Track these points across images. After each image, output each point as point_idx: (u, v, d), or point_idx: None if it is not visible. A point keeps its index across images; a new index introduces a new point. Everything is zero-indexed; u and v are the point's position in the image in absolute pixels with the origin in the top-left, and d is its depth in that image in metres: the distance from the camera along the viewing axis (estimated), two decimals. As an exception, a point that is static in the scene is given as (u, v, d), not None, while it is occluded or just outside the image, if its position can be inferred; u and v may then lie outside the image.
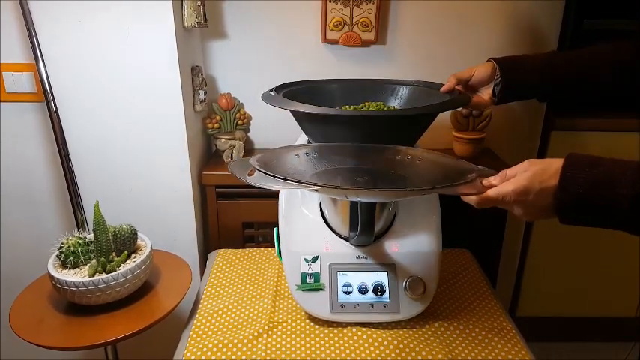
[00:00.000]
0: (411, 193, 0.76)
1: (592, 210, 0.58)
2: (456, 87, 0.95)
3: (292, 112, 0.89)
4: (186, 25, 1.17)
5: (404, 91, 1.06)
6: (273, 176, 0.67)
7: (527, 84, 0.91)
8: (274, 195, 0.98)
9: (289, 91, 0.99)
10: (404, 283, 0.89)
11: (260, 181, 0.67)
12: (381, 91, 1.07)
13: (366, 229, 0.84)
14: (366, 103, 1.03)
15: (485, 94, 0.95)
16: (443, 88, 0.96)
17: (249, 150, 1.45)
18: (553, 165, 0.61)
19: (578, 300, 1.67)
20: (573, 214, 0.60)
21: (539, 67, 0.89)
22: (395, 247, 0.91)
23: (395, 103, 1.06)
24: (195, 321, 0.94)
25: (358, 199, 0.79)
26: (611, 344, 1.67)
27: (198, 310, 0.97)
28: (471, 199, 0.66)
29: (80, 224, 1.16)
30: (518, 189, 0.62)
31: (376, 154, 0.85)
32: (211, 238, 1.36)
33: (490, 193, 0.64)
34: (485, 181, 0.67)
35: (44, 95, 1.09)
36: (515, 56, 0.94)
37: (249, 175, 0.69)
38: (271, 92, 0.97)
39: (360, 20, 1.31)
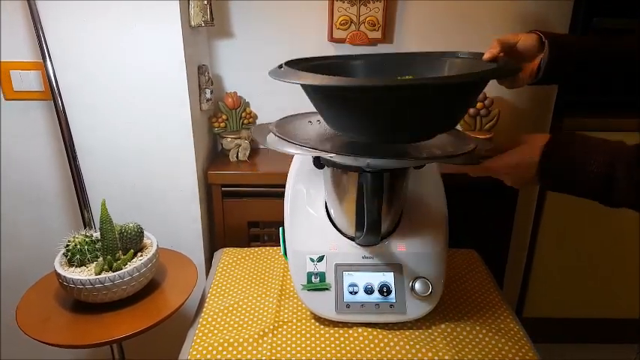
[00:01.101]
0: (412, 162, 0.82)
1: (568, 184, 0.66)
2: (499, 55, 0.79)
3: (310, 88, 0.73)
4: (192, 24, 1.17)
5: (442, 64, 0.87)
6: (287, 140, 0.72)
7: (572, 65, 0.80)
8: (280, 194, 0.98)
9: (302, 68, 0.77)
10: (410, 284, 0.89)
11: (277, 145, 0.72)
12: (414, 66, 0.87)
13: (373, 229, 0.83)
14: (399, 78, 0.80)
15: (527, 68, 0.82)
16: (486, 56, 0.78)
17: (255, 149, 1.45)
18: (540, 141, 0.67)
19: (584, 301, 1.66)
20: (552, 186, 0.69)
21: (586, 48, 0.79)
22: (401, 247, 0.91)
23: None
24: (200, 320, 0.94)
25: (366, 163, 0.76)
26: (617, 346, 1.67)
27: (204, 309, 0.97)
28: (467, 169, 0.74)
29: (87, 222, 1.16)
30: (509, 162, 0.70)
31: None
32: (217, 237, 1.36)
33: (484, 165, 0.72)
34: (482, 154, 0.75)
35: (51, 94, 1.09)
36: (559, 33, 0.82)
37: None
38: (281, 68, 0.78)
39: (367, 19, 1.30)
